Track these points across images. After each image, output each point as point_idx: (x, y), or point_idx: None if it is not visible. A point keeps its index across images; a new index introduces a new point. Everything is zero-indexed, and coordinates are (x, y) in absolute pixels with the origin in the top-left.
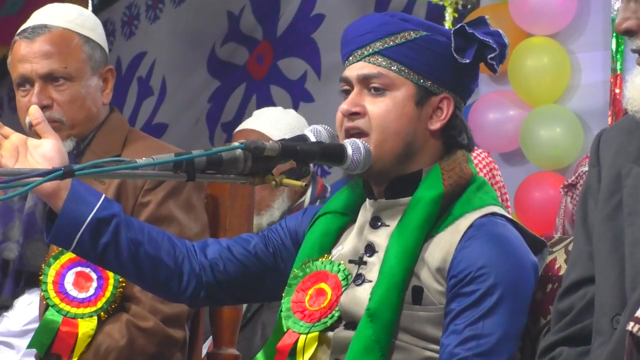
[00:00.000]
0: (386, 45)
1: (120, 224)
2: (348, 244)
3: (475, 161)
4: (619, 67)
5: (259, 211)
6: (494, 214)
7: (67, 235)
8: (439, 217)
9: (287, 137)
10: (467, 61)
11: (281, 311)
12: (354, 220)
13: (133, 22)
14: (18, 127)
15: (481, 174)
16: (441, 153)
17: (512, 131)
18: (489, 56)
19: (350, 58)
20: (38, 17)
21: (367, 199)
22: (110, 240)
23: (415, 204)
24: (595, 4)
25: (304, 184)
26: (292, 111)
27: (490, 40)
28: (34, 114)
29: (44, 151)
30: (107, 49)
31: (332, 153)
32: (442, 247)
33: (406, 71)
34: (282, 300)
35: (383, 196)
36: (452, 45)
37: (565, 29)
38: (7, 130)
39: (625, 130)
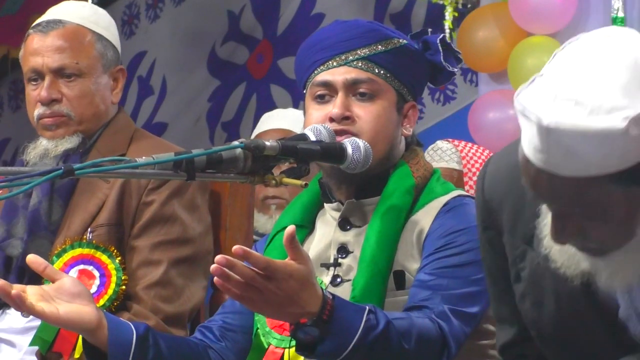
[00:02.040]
0: (376, 51)
1: (156, 336)
2: (313, 252)
3: (481, 160)
4: None
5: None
6: (460, 196)
7: None
8: (411, 207)
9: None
10: (456, 70)
11: (257, 329)
12: (311, 231)
13: (133, 22)
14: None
15: None
16: (402, 152)
17: (512, 130)
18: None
19: (330, 62)
20: (53, 13)
21: (328, 205)
22: (155, 352)
23: (389, 196)
24: (595, 3)
25: (304, 183)
26: None
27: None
28: (34, 262)
29: (68, 289)
30: (119, 49)
31: (332, 152)
32: (414, 231)
33: (390, 77)
34: (255, 318)
35: (352, 197)
36: (441, 55)
37: (565, 28)
38: (17, 286)
39: (514, 187)
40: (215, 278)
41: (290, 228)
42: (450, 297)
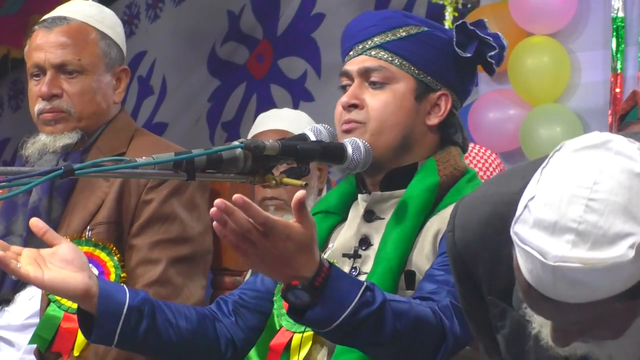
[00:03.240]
0: (388, 39)
1: (153, 307)
2: (339, 241)
3: (487, 163)
4: (619, 66)
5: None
6: None
7: (109, 331)
8: (433, 206)
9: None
10: (469, 55)
11: (274, 309)
12: (344, 219)
13: (133, 21)
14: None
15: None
16: (436, 148)
17: (512, 130)
18: (489, 54)
19: (351, 52)
20: (60, 10)
21: (360, 194)
22: (149, 325)
23: (411, 193)
24: (595, 3)
25: (304, 183)
26: (303, 113)
27: (490, 39)
28: (36, 225)
29: (62, 255)
30: (124, 49)
31: (332, 152)
32: (433, 230)
33: (407, 65)
34: (274, 298)
35: (377, 189)
36: (454, 39)
37: (565, 28)
38: (15, 247)
39: (487, 241)
40: (214, 222)
41: (300, 193)
42: (456, 294)
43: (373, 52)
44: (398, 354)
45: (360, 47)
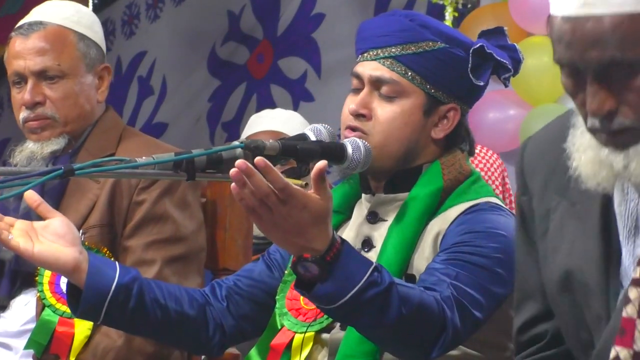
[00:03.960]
0: (404, 52)
1: (142, 287)
2: None
3: (488, 163)
4: None
5: None
6: (487, 202)
7: (95, 307)
8: (436, 210)
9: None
10: (482, 84)
11: (276, 308)
12: (348, 218)
13: (133, 22)
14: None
15: (493, 177)
16: (441, 153)
17: (512, 130)
18: (503, 77)
19: (366, 54)
20: (35, 14)
21: (364, 195)
22: (136, 304)
23: (414, 197)
24: None
25: (304, 183)
26: (296, 113)
27: (507, 61)
28: (30, 197)
29: (54, 229)
30: (104, 47)
31: (332, 152)
32: (433, 233)
33: (419, 80)
34: (277, 297)
35: (381, 191)
36: (469, 64)
37: None
38: (8, 219)
39: (550, 148)
40: (232, 184)
41: (322, 163)
42: (457, 288)
43: (387, 62)
44: (399, 339)
45: (374, 52)
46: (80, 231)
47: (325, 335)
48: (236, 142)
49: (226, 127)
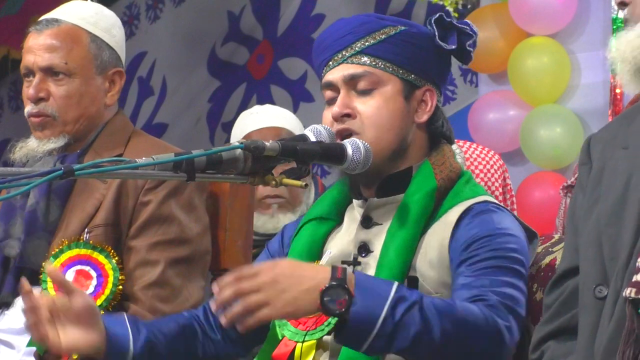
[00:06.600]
0: (368, 44)
1: (153, 347)
2: (337, 247)
3: (488, 164)
4: None
5: (294, 208)
6: (486, 202)
7: None
8: (434, 211)
9: (296, 131)
10: (453, 47)
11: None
12: (339, 224)
13: (133, 22)
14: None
15: (493, 178)
16: (428, 147)
17: (512, 131)
18: (467, 43)
19: (330, 63)
20: (55, 12)
21: (355, 200)
22: None
23: (410, 198)
24: (595, 3)
25: (304, 183)
26: (286, 110)
27: (467, 27)
28: (52, 271)
29: (77, 311)
30: (120, 51)
31: (332, 153)
32: (437, 235)
33: (391, 67)
34: None
35: (373, 196)
36: (436, 33)
37: (565, 28)
38: (34, 298)
39: (614, 127)
40: (222, 319)
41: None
42: (498, 293)
43: (355, 59)
44: (453, 355)
45: (339, 56)
46: (86, 230)
47: (326, 338)
48: (236, 143)
49: (226, 127)
